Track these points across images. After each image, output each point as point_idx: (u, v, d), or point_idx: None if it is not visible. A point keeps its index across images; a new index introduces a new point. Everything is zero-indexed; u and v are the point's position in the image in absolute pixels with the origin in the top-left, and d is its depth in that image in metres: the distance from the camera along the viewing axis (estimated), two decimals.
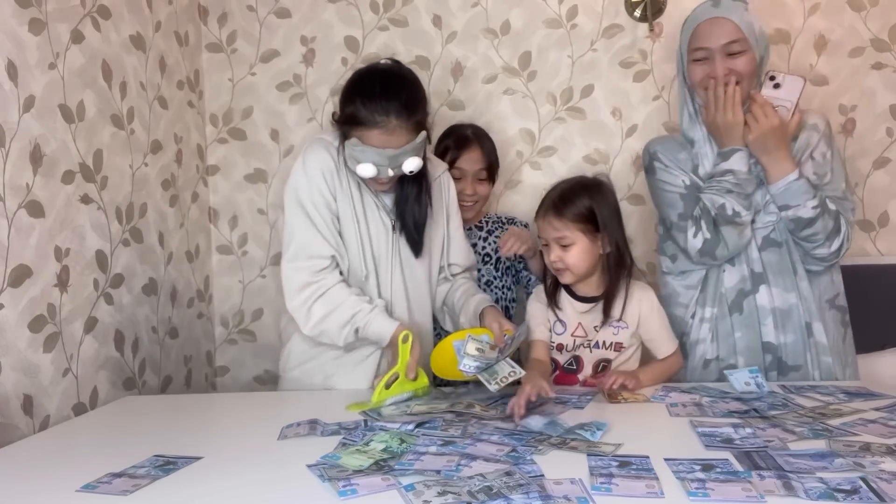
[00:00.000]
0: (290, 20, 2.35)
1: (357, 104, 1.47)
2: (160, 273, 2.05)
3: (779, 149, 1.52)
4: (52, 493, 1.04)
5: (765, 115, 1.50)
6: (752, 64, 1.54)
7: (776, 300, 1.58)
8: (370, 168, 1.48)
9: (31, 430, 1.49)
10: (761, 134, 1.51)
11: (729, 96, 1.52)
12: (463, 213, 1.89)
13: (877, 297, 2.11)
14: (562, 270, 1.53)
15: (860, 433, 1.16)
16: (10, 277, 1.47)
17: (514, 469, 1.03)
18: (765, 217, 1.58)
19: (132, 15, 1.95)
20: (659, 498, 0.94)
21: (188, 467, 1.12)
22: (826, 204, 1.53)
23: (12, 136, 1.49)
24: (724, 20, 1.53)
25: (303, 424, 1.32)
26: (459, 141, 1.92)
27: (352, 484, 1.00)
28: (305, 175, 1.55)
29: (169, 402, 1.75)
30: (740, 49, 1.52)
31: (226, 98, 2.40)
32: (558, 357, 1.59)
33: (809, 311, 1.58)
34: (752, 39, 1.53)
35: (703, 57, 1.56)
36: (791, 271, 1.58)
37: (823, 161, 1.58)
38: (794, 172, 1.52)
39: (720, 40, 1.53)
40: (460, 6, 2.30)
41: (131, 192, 1.93)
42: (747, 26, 1.52)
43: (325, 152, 1.56)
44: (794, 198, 1.52)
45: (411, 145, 1.49)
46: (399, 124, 1.47)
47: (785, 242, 1.58)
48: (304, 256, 1.55)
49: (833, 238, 1.54)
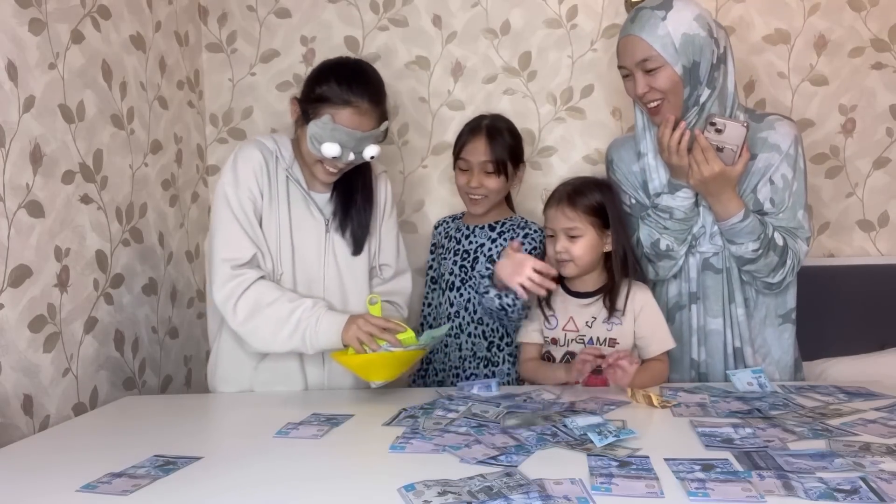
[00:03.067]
0: (290, 20, 2.35)
1: (332, 84, 1.52)
2: (160, 273, 2.05)
3: (722, 192, 1.49)
4: (52, 493, 1.04)
5: (706, 161, 1.46)
6: (671, 79, 1.48)
7: (701, 321, 1.62)
8: (335, 148, 1.51)
9: (31, 430, 1.49)
10: (702, 180, 1.48)
11: (674, 142, 1.49)
12: (471, 206, 1.89)
13: (877, 297, 2.11)
14: (565, 262, 1.56)
15: (860, 433, 1.16)
16: (10, 277, 1.47)
17: (514, 469, 1.03)
18: (709, 244, 1.59)
19: (132, 15, 1.95)
20: (659, 498, 0.94)
21: (188, 467, 1.12)
22: (772, 242, 1.52)
23: (12, 136, 1.49)
24: (635, 38, 1.49)
25: (304, 424, 1.32)
26: (467, 130, 1.89)
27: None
28: (234, 172, 1.57)
29: (169, 402, 1.75)
30: (654, 66, 1.48)
31: (226, 98, 2.40)
32: (554, 351, 1.61)
33: (741, 338, 1.61)
34: (669, 53, 1.46)
35: (626, 74, 1.55)
36: (723, 297, 1.60)
37: (783, 185, 1.55)
38: (739, 214, 1.50)
39: (634, 58, 1.50)
40: (460, 6, 2.30)
41: (131, 192, 1.93)
42: (661, 41, 1.46)
43: (257, 151, 1.60)
44: (738, 237, 1.52)
45: (376, 132, 1.55)
46: (369, 109, 1.53)
47: (726, 270, 1.59)
48: (228, 252, 1.55)
49: (777, 271, 1.55)
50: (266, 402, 1.53)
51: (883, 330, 2.08)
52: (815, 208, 2.22)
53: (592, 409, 1.35)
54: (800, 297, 1.66)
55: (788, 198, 1.56)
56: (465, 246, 1.92)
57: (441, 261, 1.98)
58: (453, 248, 1.94)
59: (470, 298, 1.88)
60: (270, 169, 1.60)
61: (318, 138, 1.52)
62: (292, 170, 1.62)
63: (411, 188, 2.35)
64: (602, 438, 1.15)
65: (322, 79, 1.55)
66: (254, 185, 1.57)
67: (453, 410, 1.36)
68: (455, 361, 1.89)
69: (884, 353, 2.02)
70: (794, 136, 1.57)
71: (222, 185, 1.58)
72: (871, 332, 2.08)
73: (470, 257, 1.90)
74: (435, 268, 2.02)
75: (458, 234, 1.96)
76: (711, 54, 1.49)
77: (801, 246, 1.57)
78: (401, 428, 1.28)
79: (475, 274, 1.88)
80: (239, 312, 1.52)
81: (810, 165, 2.21)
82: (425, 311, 2.02)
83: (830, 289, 2.13)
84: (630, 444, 1.14)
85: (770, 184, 1.55)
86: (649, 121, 1.60)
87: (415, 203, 2.35)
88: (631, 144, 1.68)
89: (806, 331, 2.08)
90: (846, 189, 2.22)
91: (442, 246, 1.99)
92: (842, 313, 2.11)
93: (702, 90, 1.51)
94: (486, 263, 1.87)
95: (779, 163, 1.55)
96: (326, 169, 1.58)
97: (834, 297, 2.12)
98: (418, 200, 2.34)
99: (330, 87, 1.52)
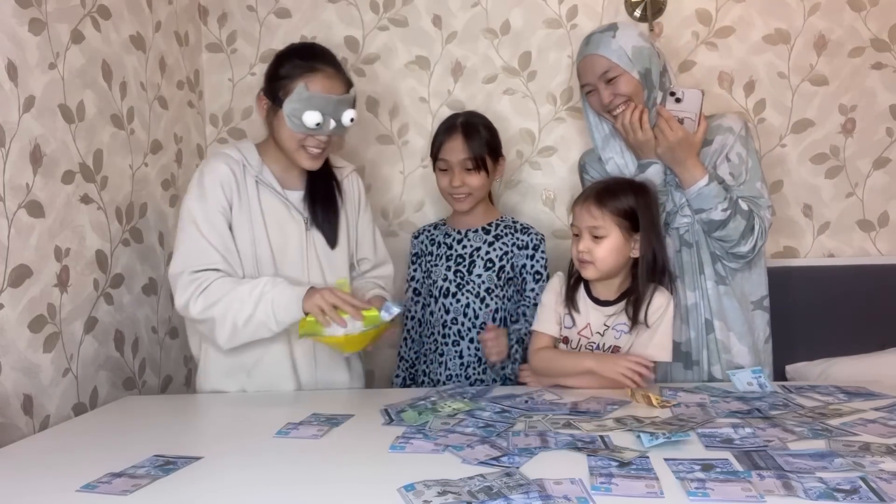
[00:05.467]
0: (290, 20, 2.35)
1: (294, 60, 1.57)
2: (160, 273, 2.05)
3: (687, 157, 1.62)
4: (52, 493, 1.04)
5: (670, 128, 1.61)
6: (631, 83, 1.64)
7: (682, 297, 1.68)
8: (316, 115, 1.53)
9: (31, 430, 1.49)
10: (668, 147, 1.62)
11: (635, 119, 1.63)
12: (456, 204, 1.87)
13: (877, 297, 2.11)
14: (586, 263, 1.52)
15: (860, 433, 1.16)
16: (10, 277, 1.47)
17: (514, 469, 1.03)
18: (680, 219, 1.69)
19: (132, 15, 1.95)
20: (659, 498, 0.94)
21: (188, 467, 1.12)
22: (738, 205, 1.62)
23: (12, 136, 1.49)
24: (594, 57, 1.66)
25: (304, 424, 1.32)
26: (442, 131, 1.87)
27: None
28: (200, 188, 1.57)
29: (169, 402, 1.75)
30: (615, 75, 1.64)
31: (226, 98, 2.40)
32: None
33: (710, 309, 1.68)
34: (624, 62, 1.63)
35: (590, 90, 1.70)
36: (697, 270, 1.69)
37: (739, 162, 1.68)
38: (704, 178, 1.61)
39: (595, 73, 1.66)
40: (460, 6, 2.30)
41: (131, 192, 1.93)
42: (616, 54, 1.63)
43: (222, 164, 1.60)
44: (706, 202, 1.61)
45: (349, 95, 1.60)
46: (336, 73, 1.58)
47: (696, 243, 1.69)
48: (189, 262, 1.54)
49: (747, 237, 1.63)
50: (266, 402, 1.53)
51: (883, 330, 2.08)
52: (814, 208, 2.22)
53: (596, 409, 1.34)
54: (800, 297, 1.68)
55: (745, 172, 1.68)
56: (458, 251, 1.89)
57: (430, 268, 1.92)
58: (444, 253, 1.90)
59: (469, 303, 1.85)
60: (238, 178, 1.60)
61: (297, 112, 1.53)
62: (262, 175, 1.62)
63: (411, 188, 2.35)
64: (652, 439, 1.13)
65: (283, 61, 1.59)
66: (221, 197, 1.57)
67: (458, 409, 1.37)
68: (455, 369, 1.85)
69: (884, 353, 2.02)
70: (743, 122, 1.73)
71: (187, 202, 1.57)
72: (871, 332, 2.08)
73: (465, 262, 1.87)
74: (418, 278, 1.97)
75: (448, 240, 1.92)
76: (658, 62, 1.68)
77: (765, 214, 1.67)
78: (401, 428, 1.28)
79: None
80: (199, 304, 1.51)
81: (810, 165, 2.22)
82: (408, 324, 1.97)
83: (830, 289, 2.13)
84: (631, 445, 1.14)
85: (727, 161, 1.68)
86: (612, 129, 1.74)
87: (415, 203, 2.34)
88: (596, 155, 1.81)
89: (806, 331, 2.10)
90: (846, 189, 2.22)
91: (429, 254, 1.94)
92: (842, 313, 2.11)
93: (656, 93, 1.66)
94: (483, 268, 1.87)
95: (733, 142, 1.68)
96: (309, 151, 1.59)
97: (834, 297, 2.12)
98: (418, 200, 2.34)
99: (294, 63, 1.56)
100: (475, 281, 1.86)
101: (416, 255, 1.98)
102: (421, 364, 1.93)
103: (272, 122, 1.61)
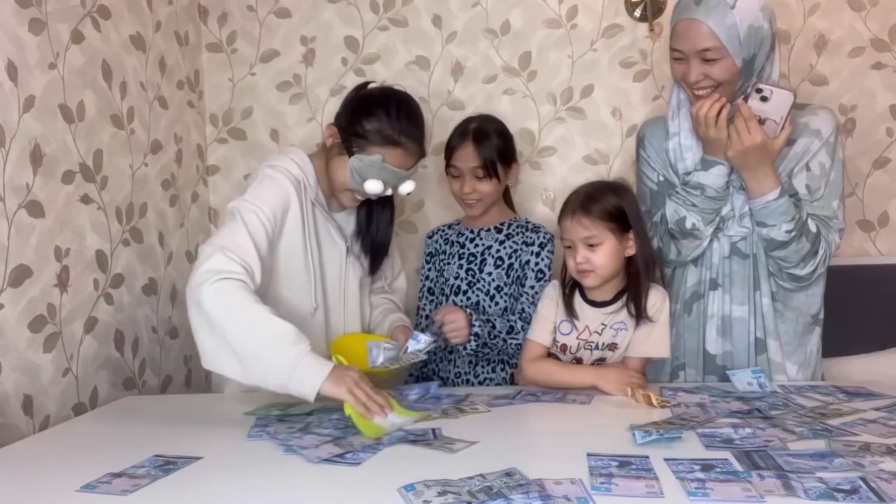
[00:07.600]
0: (290, 20, 2.35)
1: (383, 122, 1.49)
2: (160, 273, 2.05)
3: (760, 165, 1.44)
4: (52, 493, 1.04)
5: (747, 130, 1.41)
6: (729, 71, 1.44)
7: (725, 309, 1.57)
8: (379, 186, 1.51)
9: (31, 430, 1.49)
10: (742, 150, 1.43)
11: (712, 114, 1.44)
12: (467, 209, 1.88)
13: (877, 297, 2.11)
14: (587, 273, 1.50)
15: (860, 433, 1.16)
16: (10, 277, 1.47)
17: (514, 469, 1.04)
18: (738, 227, 1.54)
19: (132, 15, 1.95)
20: (659, 498, 0.94)
21: (188, 467, 1.12)
22: (805, 227, 1.46)
23: (12, 136, 1.49)
24: (700, 24, 1.42)
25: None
26: (456, 135, 1.87)
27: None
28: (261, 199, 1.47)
29: (169, 402, 1.75)
30: (715, 56, 1.42)
31: (226, 98, 2.40)
32: (561, 357, 1.59)
33: (764, 329, 1.56)
34: (733, 45, 1.41)
35: (679, 57, 1.48)
36: (750, 285, 1.55)
37: (820, 173, 1.50)
38: (775, 192, 1.44)
39: (694, 45, 1.43)
40: (460, 6, 2.30)
41: (131, 192, 1.93)
42: (727, 31, 1.40)
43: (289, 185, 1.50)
44: (771, 217, 1.46)
45: (415, 168, 1.57)
46: (415, 149, 1.54)
47: (753, 256, 1.54)
48: (228, 249, 1.38)
49: (808, 261, 1.49)
50: (266, 403, 1.53)
51: (883, 330, 2.08)
52: None
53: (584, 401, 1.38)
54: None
55: (825, 186, 1.51)
56: (470, 249, 1.90)
57: (443, 267, 1.93)
58: (457, 252, 1.92)
59: (479, 302, 1.86)
60: (302, 201, 1.53)
61: (362, 174, 1.49)
62: (317, 197, 1.58)
63: None
64: (645, 435, 1.14)
65: (371, 114, 1.49)
66: (276, 212, 1.47)
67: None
68: (464, 367, 1.85)
69: (884, 353, 2.02)
70: (835, 124, 1.52)
71: (242, 203, 1.46)
72: (871, 332, 2.08)
73: (477, 260, 1.88)
74: (431, 277, 1.97)
75: (462, 239, 1.93)
76: (767, 47, 1.47)
77: (834, 237, 1.51)
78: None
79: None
80: (214, 290, 1.32)
81: None
82: (422, 323, 1.95)
83: (830, 289, 2.12)
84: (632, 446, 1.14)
85: (807, 170, 1.50)
86: (683, 101, 1.55)
87: (415, 203, 2.35)
88: (662, 123, 1.64)
89: None
90: (846, 189, 2.22)
91: (442, 252, 1.95)
92: (842, 313, 2.11)
93: (751, 82, 1.47)
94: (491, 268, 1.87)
95: (818, 149, 1.50)
96: (356, 197, 1.57)
97: (833, 297, 2.12)
98: (418, 200, 2.34)
99: (381, 126, 1.48)
100: (486, 279, 1.86)
101: (430, 254, 2.00)
102: (430, 362, 1.93)
103: (334, 155, 1.55)
